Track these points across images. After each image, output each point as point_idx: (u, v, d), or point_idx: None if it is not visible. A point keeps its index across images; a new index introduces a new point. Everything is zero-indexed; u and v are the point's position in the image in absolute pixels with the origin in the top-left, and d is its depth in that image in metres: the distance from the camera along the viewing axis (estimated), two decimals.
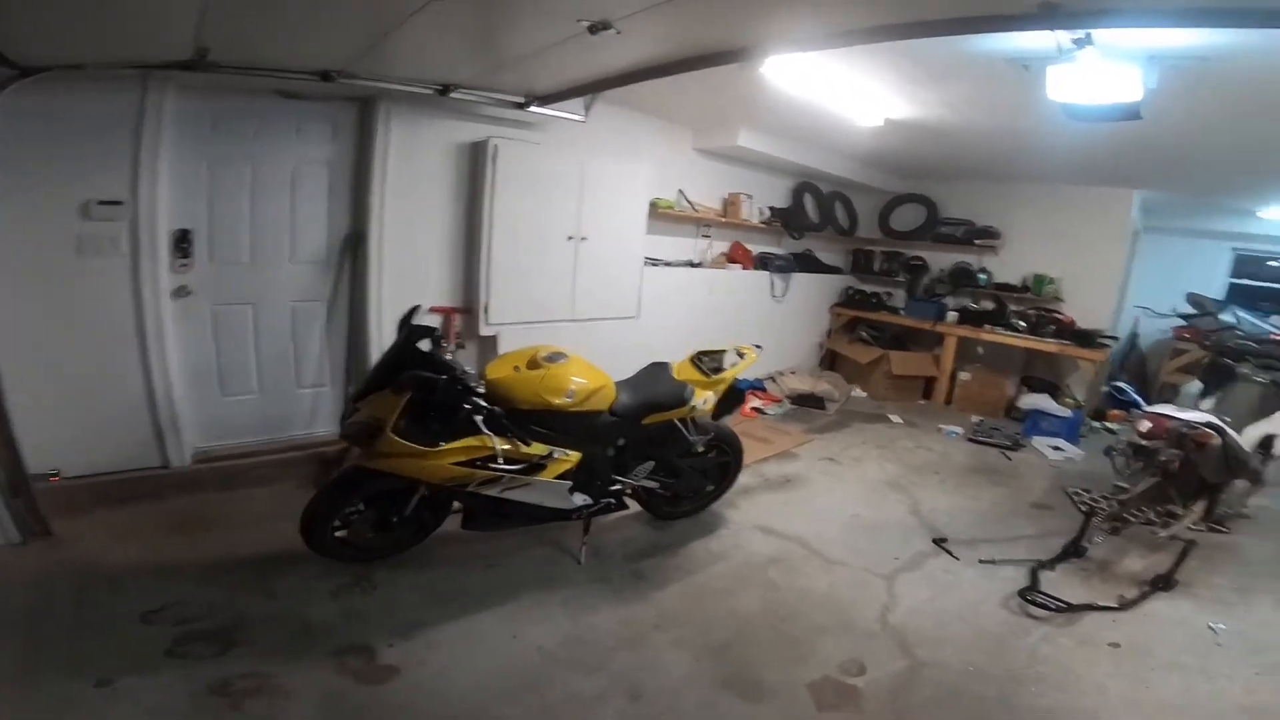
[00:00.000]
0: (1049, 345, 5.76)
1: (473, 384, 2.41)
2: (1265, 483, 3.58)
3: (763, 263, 6.03)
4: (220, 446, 3.50)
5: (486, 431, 2.38)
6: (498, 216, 3.80)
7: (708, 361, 3.14)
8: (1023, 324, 5.94)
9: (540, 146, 4.03)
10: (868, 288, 7.24)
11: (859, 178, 6.31)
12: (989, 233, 6.56)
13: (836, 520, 3.62)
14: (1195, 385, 5.55)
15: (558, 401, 2.54)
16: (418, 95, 3.35)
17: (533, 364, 2.60)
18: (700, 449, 3.22)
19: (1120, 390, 6.10)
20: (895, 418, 5.75)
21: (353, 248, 3.66)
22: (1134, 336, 6.96)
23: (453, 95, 3.36)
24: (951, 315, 6.39)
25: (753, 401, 5.53)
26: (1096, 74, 2.35)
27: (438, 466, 2.38)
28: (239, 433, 3.56)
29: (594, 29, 2.30)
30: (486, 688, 2.15)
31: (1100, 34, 2.10)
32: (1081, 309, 6.01)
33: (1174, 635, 2.73)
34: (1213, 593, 3.11)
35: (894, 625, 2.68)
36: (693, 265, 5.39)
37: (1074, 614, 2.80)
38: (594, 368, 2.75)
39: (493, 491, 2.50)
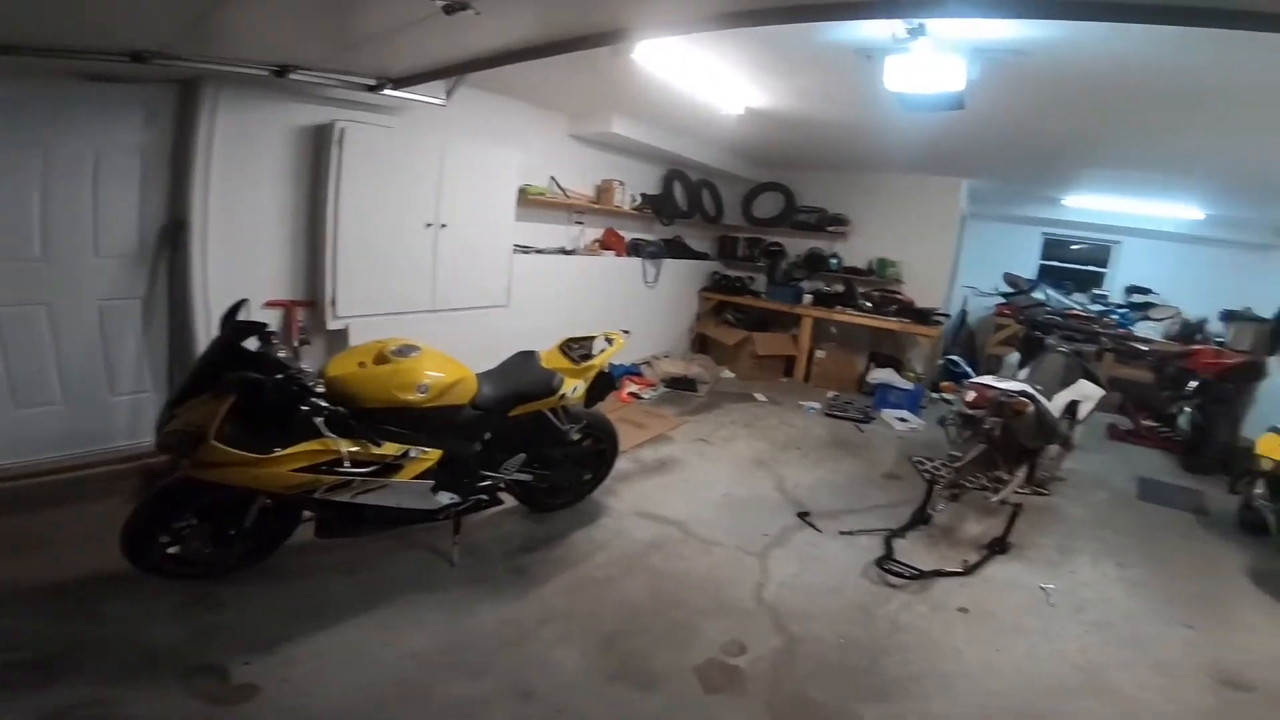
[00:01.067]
0: (891, 323, 6.31)
1: (309, 383, 2.23)
2: (1074, 446, 4.10)
3: (635, 249, 6.08)
4: (17, 465, 3.02)
5: (329, 434, 2.21)
6: (345, 203, 3.53)
7: (577, 348, 3.10)
8: (869, 304, 6.47)
9: (395, 131, 3.80)
10: (733, 273, 7.53)
11: (725, 166, 6.52)
12: (839, 220, 7.03)
13: (711, 501, 3.73)
14: (1015, 356, 6.30)
15: (410, 398, 2.40)
16: (251, 76, 3.04)
17: (380, 359, 2.43)
18: (574, 438, 3.18)
19: (954, 363, 6.81)
20: (761, 396, 6.04)
21: (172, 239, 3.26)
22: (964, 313, 7.77)
23: (292, 77, 3.09)
24: (807, 298, 6.81)
25: (629, 387, 5.57)
26: (927, 64, 2.50)
27: (275, 474, 2.18)
28: (40, 448, 3.11)
29: (450, 9, 2.18)
30: (359, 701, 2.03)
31: (933, 24, 2.24)
32: (919, 289, 6.63)
33: (1013, 598, 2.98)
34: (1040, 554, 3.43)
35: (768, 602, 2.79)
36: (566, 252, 5.33)
37: (926, 580, 3.01)
38: (451, 360, 2.62)
39: (345, 497, 2.34)
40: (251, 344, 2.30)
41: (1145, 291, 7.10)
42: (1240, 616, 3.00)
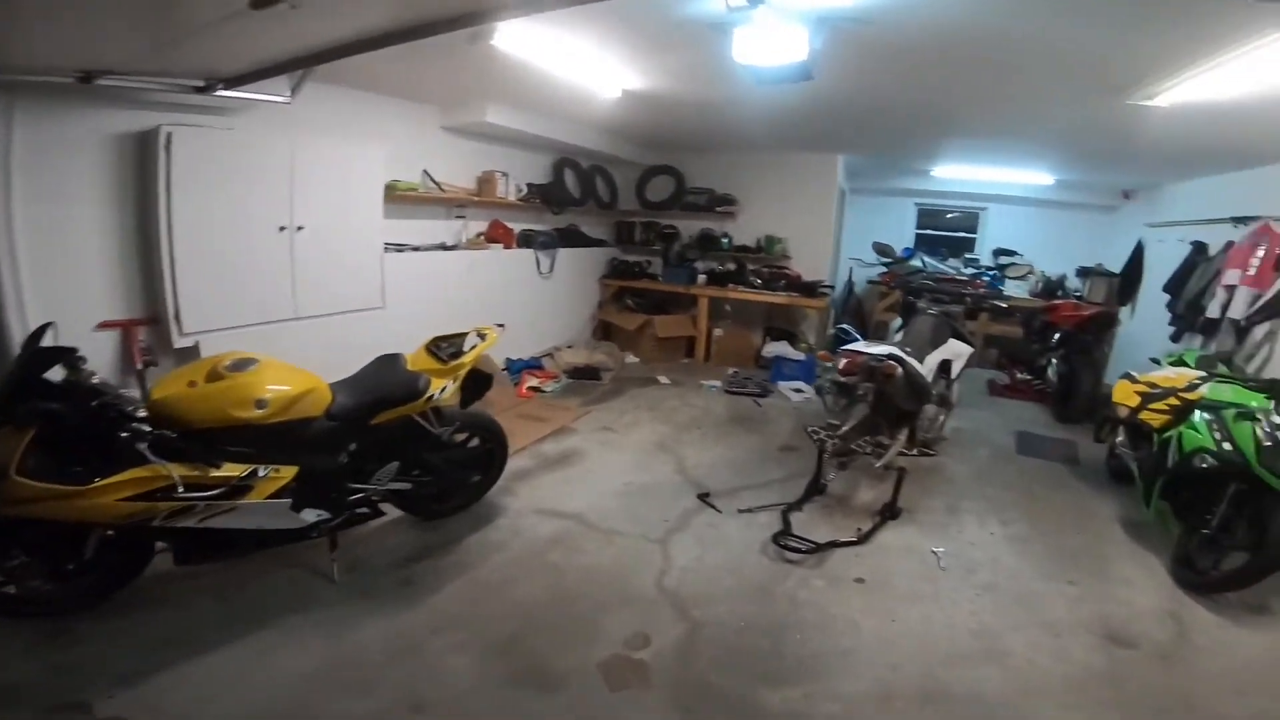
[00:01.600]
0: (781, 298, 6.50)
1: (128, 408, 2.08)
2: (953, 404, 4.27)
3: (526, 240, 5.93)
4: None
5: (155, 459, 2.06)
6: (181, 212, 3.24)
7: (446, 347, 2.97)
8: (759, 281, 6.62)
9: (236, 132, 3.54)
10: (631, 258, 7.52)
11: (616, 151, 6.45)
12: (728, 200, 7.14)
13: (612, 490, 3.70)
14: (898, 321, 6.63)
15: (247, 415, 2.24)
16: (49, 84, 2.76)
17: (213, 376, 2.25)
18: (458, 439, 3.08)
19: (844, 331, 7.02)
20: (664, 379, 6.07)
21: None
22: (850, 284, 8.09)
23: (101, 83, 2.82)
24: (701, 278, 6.91)
25: (529, 381, 5.44)
26: (770, 35, 2.47)
27: (99, 505, 2.02)
28: None
29: (258, 4, 2.05)
30: None
31: None
32: (806, 264, 6.85)
33: (907, 564, 3.04)
34: (930, 516, 3.54)
35: (670, 589, 2.77)
36: (446, 248, 5.10)
37: (822, 553, 3.05)
38: (297, 371, 2.47)
39: (190, 522, 2.19)
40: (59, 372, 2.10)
41: (1011, 254, 7.61)
42: (1117, 569, 3.12)
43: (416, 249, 4.73)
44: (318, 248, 3.81)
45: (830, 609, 2.69)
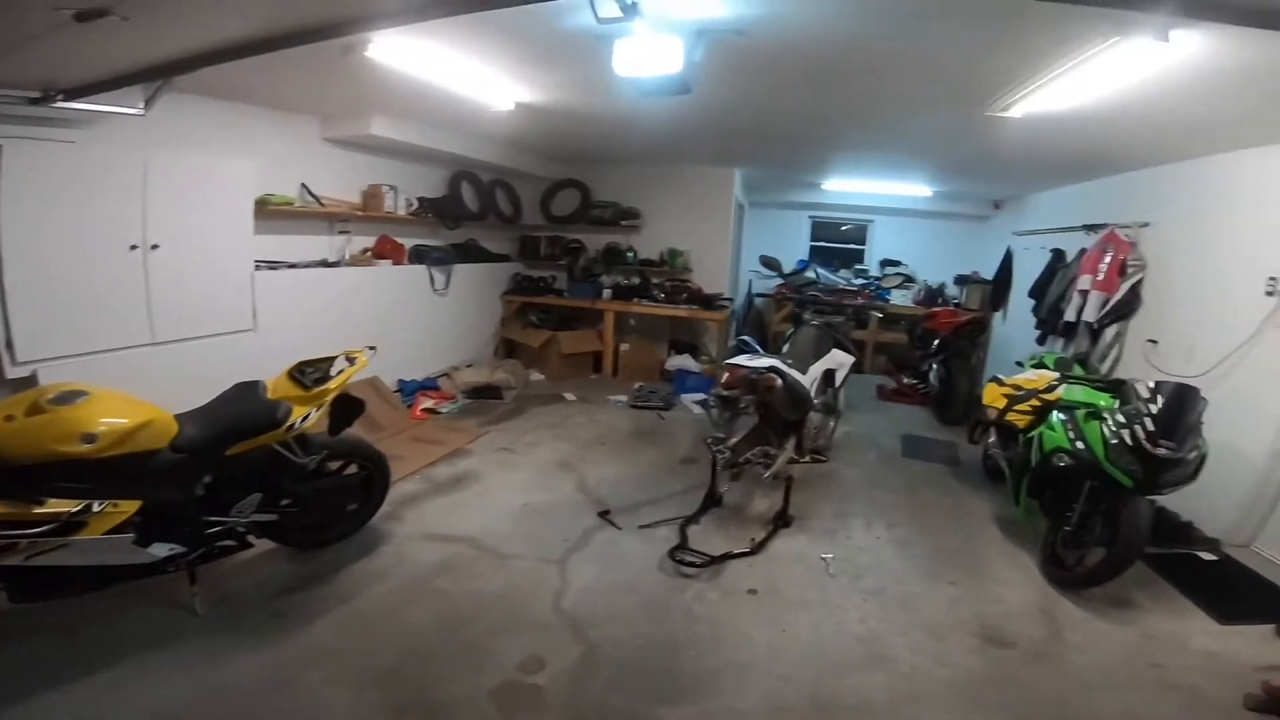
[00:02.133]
0: (682, 311, 6.60)
1: None
2: (840, 411, 4.45)
3: (418, 256, 5.72)
4: None
5: None
6: (11, 230, 2.92)
7: (312, 372, 2.81)
8: (662, 294, 6.69)
9: (80, 146, 3.23)
10: (535, 273, 7.43)
11: (518, 164, 6.36)
12: (632, 213, 7.20)
13: (509, 512, 3.59)
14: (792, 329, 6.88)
15: (72, 449, 2.04)
16: None
17: (34, 409, 2.04)
18: (331, 467, 2.94)
19: (745, 343, 7.22)
20: (570, 395, 6.00)
21: None
22: (751, 296, 8.33)
23: None
24: (607, 292, 6.92)
25: (424, 403, 5.24)
26: (647, 46, 2.47)
27: None
28: None
29: (83, 17, 1.93)
30: None
31: (647, 3, 2.17)
32: (706, 277, 7.00)
33: (797, 572, 3.07)
34: (820, 522, 3.60)
35: (568, 611, 2.71)
36: (328, 265, 4.84)
37: (718, 565, 3.05)
38: (135, 402, 2.27)
39: (14, 560, 2.00)
40: None
41: (896, 264, 8.08)
42: (993, 568, 3.26)
43: (293, 266, 4.46)
44: (177, 267, 3.52)
45: (725, 622, 2.69)
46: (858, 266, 8.50)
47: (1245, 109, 2.93)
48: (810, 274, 7.45)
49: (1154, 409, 2.84)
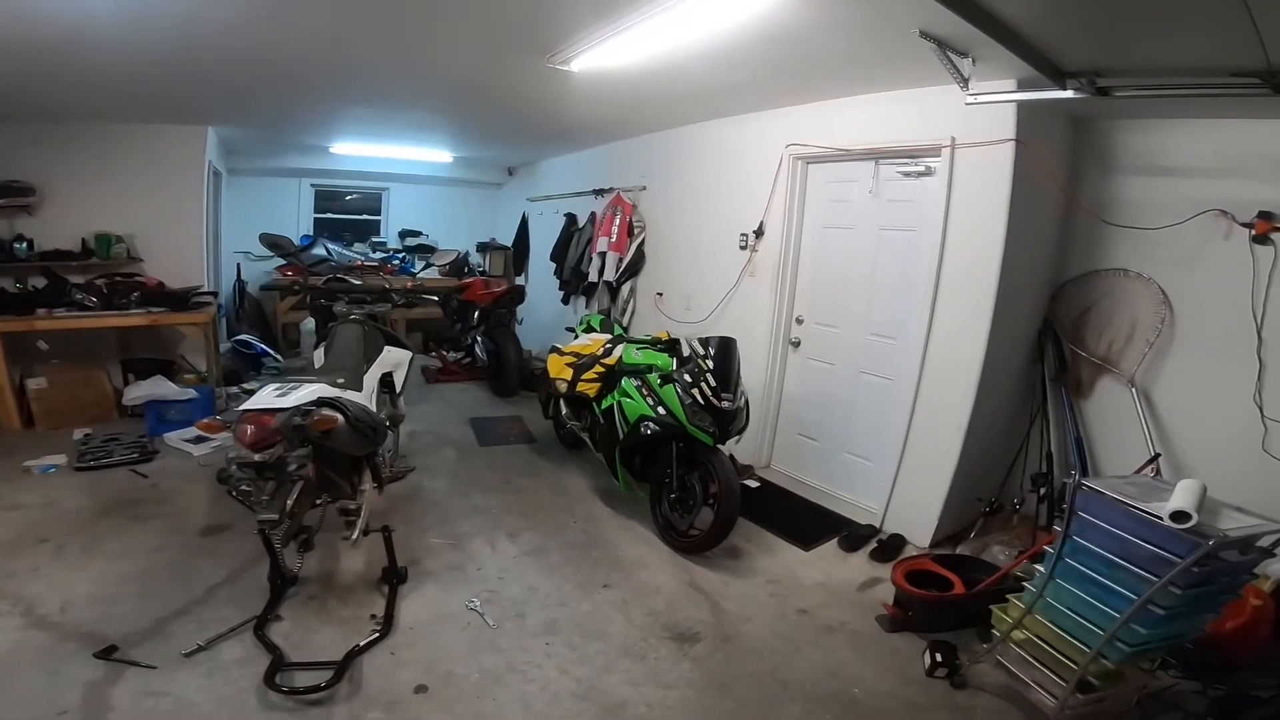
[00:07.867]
0: (137, 318, 4.56)
1: None
2: (403, 415, 3.62)
3: None
4: None
5: None
6: None
7: None
8: (94, 299, 4.47)
9: None
10: None
11: None
12: (18, 189, 4.60)
13: None
14: (311, 322, 5.60)
15: None
16: None
17: None
18: None
19: (245, 344, 5.62)
20: None
21: None
22: (241, 285, 6.55)
23: None
24: None
25: None
26: None
27: None
28: None
29: None
30: None
31: None
32: (168, 267, 5.00)
33: (454, 639, 2.41)
34: (438, 559, 2.95)
35: None
36: None
37: (349, 669, 2.16)
38: None
39: None
40: None
41: (417, 234, 7.49)
42: (629, 554, 3.12)
43: None
44: None
45: None
46: (374, 239, 7.55)
47: (745, 77, 3.26)
48: (320, 250, 6.21)
49: (710, 365, 3.01)
